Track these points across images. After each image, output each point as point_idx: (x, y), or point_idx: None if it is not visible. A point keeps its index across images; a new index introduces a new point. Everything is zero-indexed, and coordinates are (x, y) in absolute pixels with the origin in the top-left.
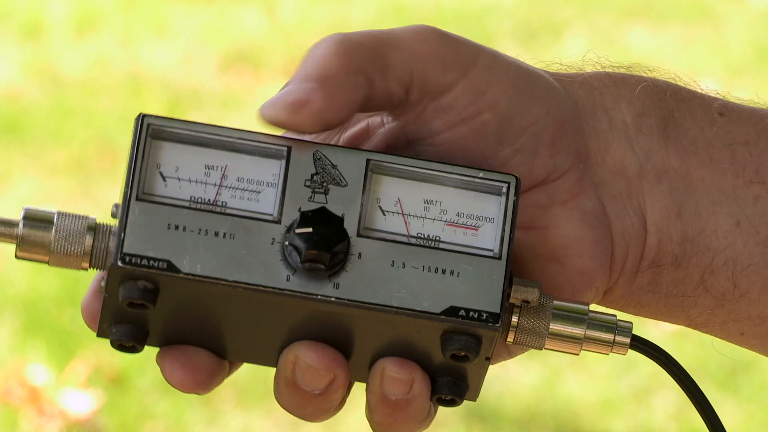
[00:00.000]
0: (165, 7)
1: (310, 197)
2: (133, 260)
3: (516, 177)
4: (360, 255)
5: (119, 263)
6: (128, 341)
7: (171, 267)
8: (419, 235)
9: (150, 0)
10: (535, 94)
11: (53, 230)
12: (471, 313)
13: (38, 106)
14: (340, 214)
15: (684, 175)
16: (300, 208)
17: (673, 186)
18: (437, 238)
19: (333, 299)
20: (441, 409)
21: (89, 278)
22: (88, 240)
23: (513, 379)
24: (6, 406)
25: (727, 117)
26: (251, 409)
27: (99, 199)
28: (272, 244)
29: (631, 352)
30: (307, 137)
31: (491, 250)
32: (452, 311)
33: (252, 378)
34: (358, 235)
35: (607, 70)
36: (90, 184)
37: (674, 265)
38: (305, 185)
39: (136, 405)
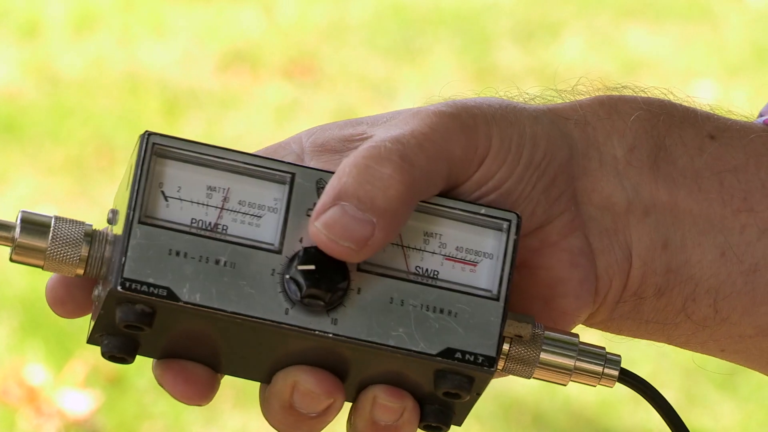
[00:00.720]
0: (163, 7)
1: None
2: (133, 286)
3: (517, 214)
4: (359, 290)
5: (119, 288)
6: (119, 353)
7: (171, 295)
8: (418, 270)
9: (148, 0)
10: (533, 161)
11: (50, 236)
12: (467, 356)
13: (36, 105)
14: None
15: (672, 207)
16: (301, 239)
17: (659, 219)
18: (435, 275)
19: (330, 335)
20: None
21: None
22: (84, 247)
23: (512, 379)
24: (4, 405)
25: (718, 140)
26: (249, 409)
27: (96, 198)
28: (272, 275)
29: (629, 352)
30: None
31: (489, 291)
32: (448, 353)
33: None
34: (358, 269)
35: (600, 93)
36: (88, 183)
37: (657, 295)
38: (307, 214)
39: (134, 405)
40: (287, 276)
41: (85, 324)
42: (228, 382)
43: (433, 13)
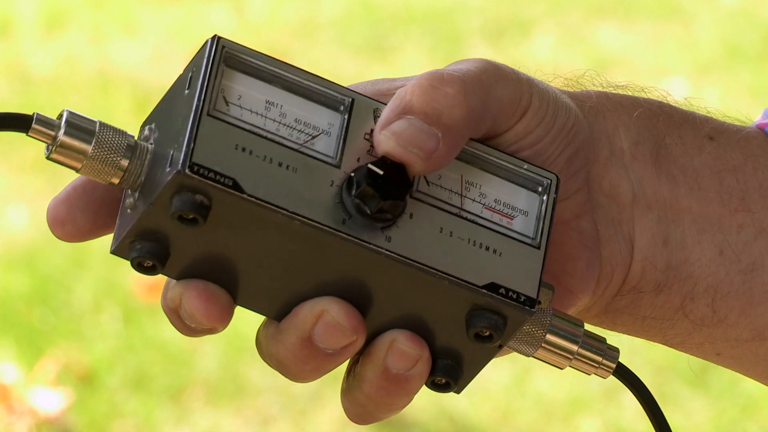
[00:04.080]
0: (133, 5)
1: (369, 151)
2: (201, 171)
3: (556, 175)
4: (411, 215)
5: (187, 171)
6: (151, 260)
7: (236, 186)
8: (462, 210)
9: None
10: (565, 126)
11: (94, 139)
12: (510, 293)
13: (7, 103)
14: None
15: (673, 204)
16: (359, 159)
17: (661, 215)
18: (480, 216)
19: (384, 251)
20: (412, 407)
21: (60, 277)
22: (126, 156)
23: (483, 377)
24: None
25: (717, 141)
26: (220, 408)
27: None
28: (331, 186)
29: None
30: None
31: (532, 238)
32: (493, 287)
33: (221, 377)
34: (411, 196)
35: (605, 88)
36: (59, 182)
37: (655, 291)
38: (365, 138)
39: (105, 403)
40: (352, 174)
41: (57, 322)
42: (199, 380)
43: (403, 11)
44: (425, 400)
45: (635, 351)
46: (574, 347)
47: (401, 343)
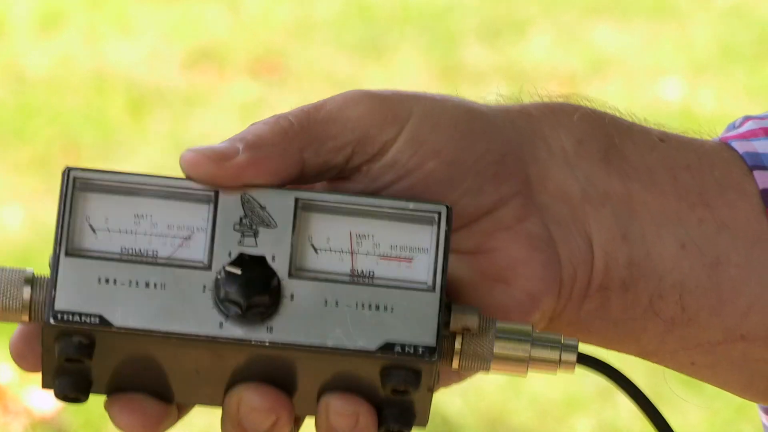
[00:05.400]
0: (129, 5)
1: (240, 241)
2: (65, 317)
3: (446, 206)
4: (292, 297)
5: (51, 321)
6: (72, 393)
7: (103, 321)
8: (353, 271)
9: None
10: (474, 132)
11: None
12: (407, 348)
13: (2, 104)
14: (270, 256)
15: (627, 199)
16: (230, 253)
17: (616, 210)
18: (371, 273)
19: (267, 343)
20: None
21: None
22: (26, 293)
23: (478, 377)
24: None
25: (667, 143)
26: (215, 409)
27: None
28: (204, 291)
29: (597, 351)
30: None
31: (425, 282)
32: (387, 347)
33: None
34: (290, 276)
35: (544, 100)
36: (54, 182)
37: (622, 289)
38: (234, 229)
39: (100, 404)
40: (218, 277)
41: None
42: None
43: (399, 11)
44: None
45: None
46: (526, 352)
47: (335, 406)
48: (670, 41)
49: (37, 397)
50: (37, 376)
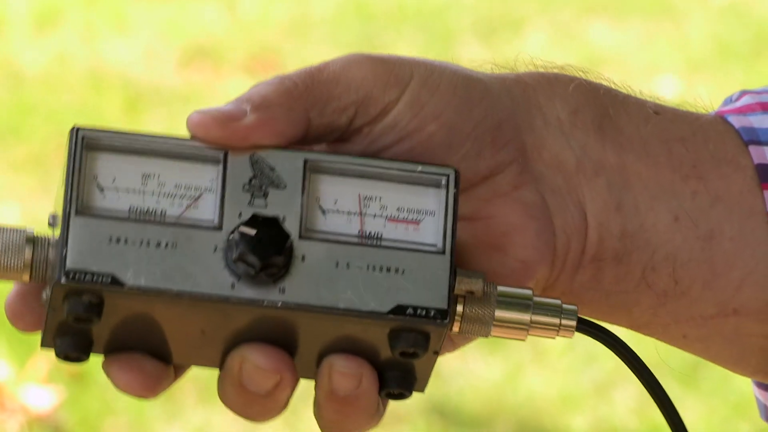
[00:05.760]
0: (125, 4)
1: (250, 201)
2: (77, 276)
3: (454, 169)
4: (303, 257)
5: (63, 280)
6: (73, 352)
7: (115, 281)
8: (361, 233)
9: None
10: (472, 98)
11: None
12: (418, 311)
13: None
14: (281, 217)
15: (621, 169)
16: (240, 213)
17: (611, 180)
18: (379, 235)
19: (279, 304)
20: (402, 403)
21: None
22: (27, 252)
23: (474, 374)
24: None
25: (663, 115)
26: (212, 405)
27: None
28: (214, 251)
29: (593, 347)
30: None
31: (434, 245)
32: (399, 310)
33: (213, 374)
34: (300, 237)
35: (540, 70)
36: (50, 180)
37: (615, 260)
38: (244, 189)
39: (97, 400)
40: (230, 237)
41: None
42: (190, 377)
43: (395, 9)
44: (414, 397)
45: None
46: (527, 317)
47: (339, 366)
48: (667, 39)
49: (34, 395)
50: (34, 372)
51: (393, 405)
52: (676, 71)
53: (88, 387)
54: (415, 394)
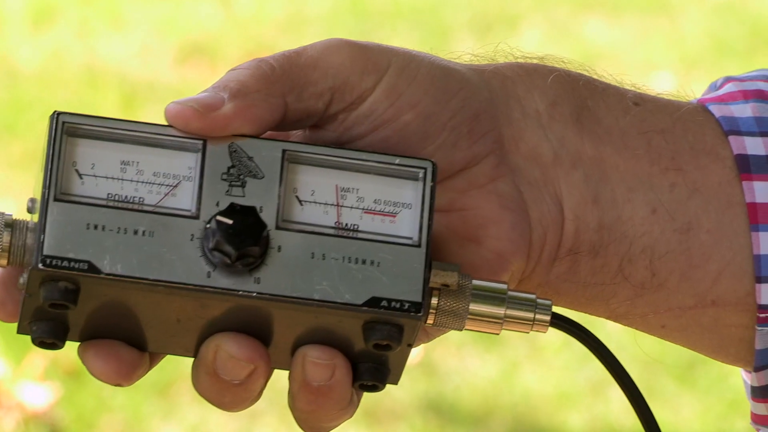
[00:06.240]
0: (121, 0)
1: (228, 191)
2: (54, 262)
3: (432, 162)
4: (279, 248)
5: (40, 265)
6: (49, 338)
7: (92, 268)
8: (337, 224)
9: None
10: (450, 88)
11: None
12: (393, 303)
13: None
14: (258, 207)
15: (599, 162)
16: (218, 203)
17: (588, 173)
18: (355, 227)
19: (254, 294)
20: (399, 400)
21: None
22: (6, 237)
23: (470, 372)
24: None
25: (642, 106)
26: (208, 403)
27: None
28: (191, 240)
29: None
30: None
31: (410, 238)
32: (374, 302)
33: None
34: (277, 227)
35: (519, 60)
36: None
37: (592, 253)
38: (222, 179)
39: (93, 398)
40: (207, 226)
41: None
42: (187, 375)
43: (390, 5)
44: (411, 394)
45: (622, 347)
46: (501, 311)
47: (313, 356)
48: (662, 36)
49: (30, 392)
50: (30, 370)
51: (389, 402)
52: (671, 67)
53: (84, 384)
54: (412, 391)
